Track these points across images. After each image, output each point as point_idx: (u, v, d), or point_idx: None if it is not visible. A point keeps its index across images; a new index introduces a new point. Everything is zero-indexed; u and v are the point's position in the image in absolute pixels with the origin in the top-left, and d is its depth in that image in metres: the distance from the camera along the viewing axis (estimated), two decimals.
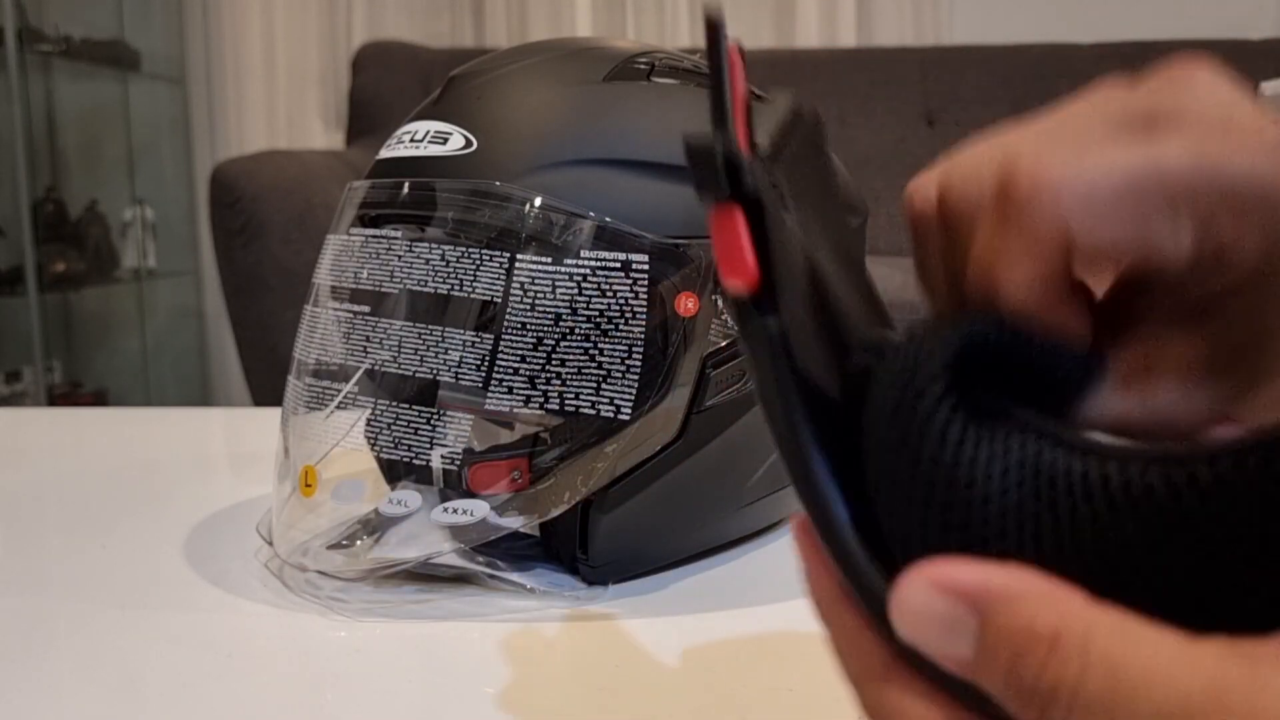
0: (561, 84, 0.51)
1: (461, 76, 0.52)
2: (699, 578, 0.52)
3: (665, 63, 0.53)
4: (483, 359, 0.47)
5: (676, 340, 0.49)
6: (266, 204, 1.89)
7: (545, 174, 0.48)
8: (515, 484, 0.49)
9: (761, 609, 0.48)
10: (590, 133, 0.49)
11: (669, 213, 0.48)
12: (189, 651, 0.44)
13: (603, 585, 0.50)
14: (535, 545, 0.52)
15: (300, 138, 2.80)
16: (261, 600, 0.49)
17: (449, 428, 0.47)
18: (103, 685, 0.41)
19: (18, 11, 2.36)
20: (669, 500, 0.51)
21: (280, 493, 0.52)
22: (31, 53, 2.46)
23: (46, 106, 2.65)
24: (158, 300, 2.87)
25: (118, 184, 2.76)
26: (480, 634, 0.46)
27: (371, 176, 0.52)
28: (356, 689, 0.41)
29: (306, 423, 0.50)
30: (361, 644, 0.45)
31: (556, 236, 0.47)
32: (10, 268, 2.41)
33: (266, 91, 2.81)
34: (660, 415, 0.49)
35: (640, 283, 0.47)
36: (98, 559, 0.55)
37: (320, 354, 0.50)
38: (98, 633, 0.46)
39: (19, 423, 0.92)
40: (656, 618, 0.47)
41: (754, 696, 0.40)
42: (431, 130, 0.50)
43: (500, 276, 0.47)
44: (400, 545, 0.49)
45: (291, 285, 1.87)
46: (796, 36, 2.71)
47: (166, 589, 0.51)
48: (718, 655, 0.44)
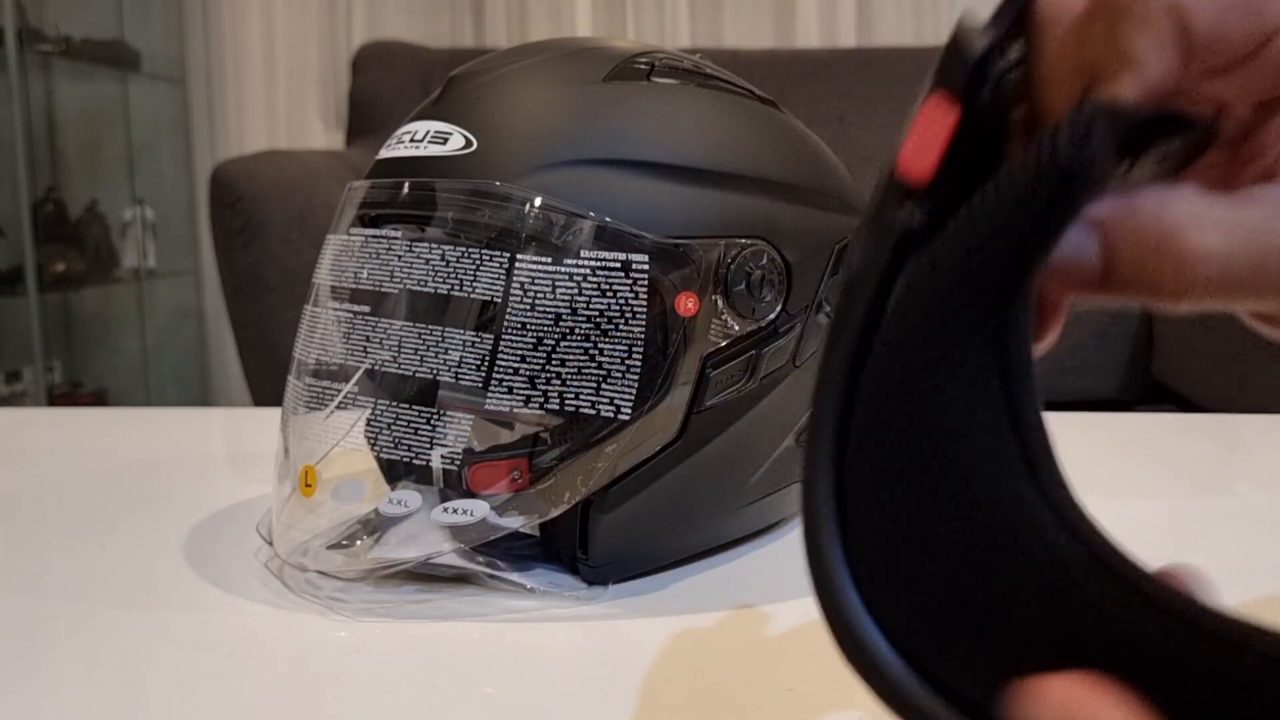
0: (561, 84, 0.51)
1: (461, 76, 0.52)
2: (699, 578, 0.52)
3: (665, 63, 0.53)
4: (483, 359, 0.47)
5: (676, 340, 0.49)
6: (266, 204, 1.88)
7: (545, 174, 0.48)
8: (515, 484, 0.49)
9: (761, 609, 0.48)
10: (590, 133, 0.49)
11: (669, 213, 0.48)
12: (189, 651, 0.44)
13: (603, 585, 0.50)
14: (535, 545, 0.52)
15: (300, 138, 2.80)
16: (261, 600, 0.49)
17: (449, 428, 0.47)
18: (103, 685, 0.41)
19: (18, 11, 2.36)
20: (669, 500, 0.51)
21: (280, 493, 0.52)
22: (31, 53, 2.46)
23: (46, 106, 2.65)
24: (158, 300, 2.87)
25: (118, 184, 2.76)
26: (480, 634, 0.46)
27: (371, 176, 0.52)
28: (356, 689, 0.41)
29: (306, 423, 0.50)
30: (361, 644, 0.45)
31: (556, 236, 0.47)
32: (10, 268, 2.41)
33: (266, 91, 2.81)
34: (660, 415, 0.49)
35: (640, 283, 0.47)
36: (98, 559, 0.55)
37: (320, 354, 0.50)
38: (98, 633, 0.46)
39: (19, 423, 0.92)
40: (656, 618, 0.47)
41: (754, 696, 0.40)
42: (431, 130, 0.50)
43: (500, 276, 0.47)
44: (400, 545, 0.49)
45: (291, 285, 1.87)
46: (796, 36, 2.71)
47: (166, 589, 0.51)
48: (718, 655, 0.44)
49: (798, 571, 0.22)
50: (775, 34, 2.74)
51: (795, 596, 0.49)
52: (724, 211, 0.49)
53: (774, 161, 0.52)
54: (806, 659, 0.43)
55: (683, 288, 0.48)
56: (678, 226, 0.48)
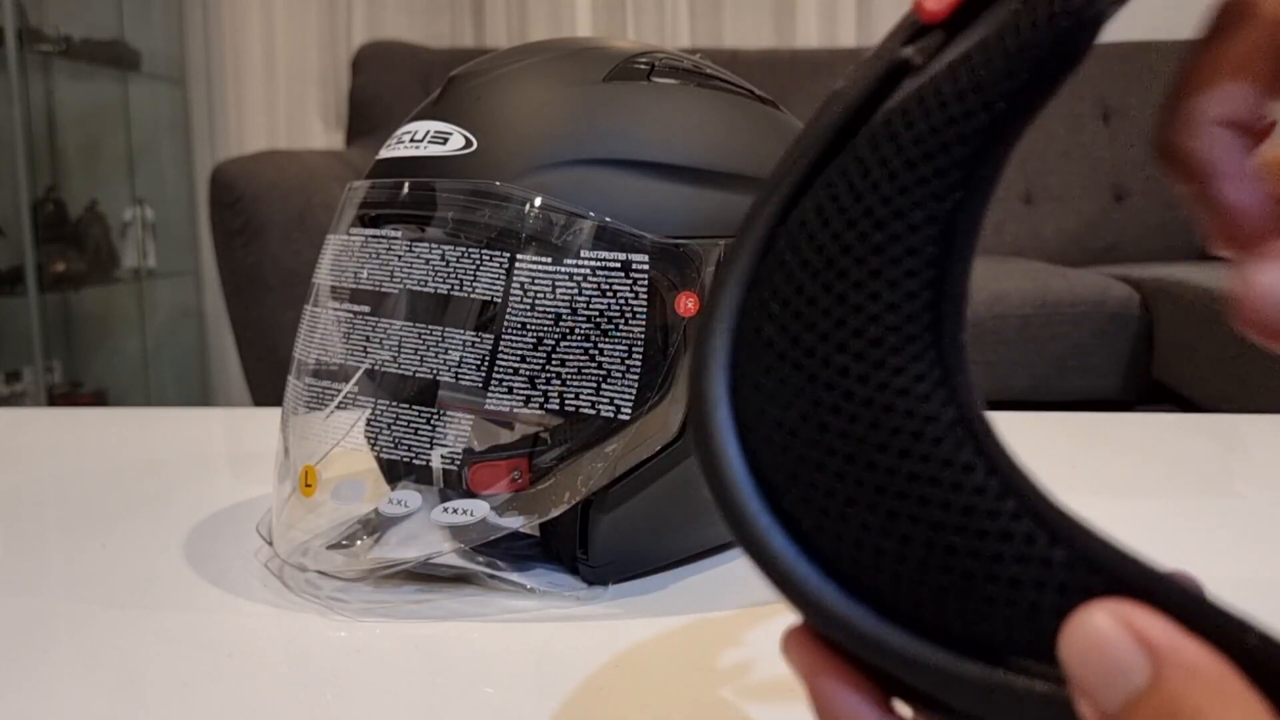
0: (561, 84, 0.51)
1: (461, 76, 0.52)
2: (699, 578, 0.52)
3: (665, 63, 0.53)
4: (483, 359, 0.47)
5: (676, 340, 0.49)
6: (266, 204, 1.89)
7: (545, 174, 0.48)
8: (515, 484, 0.49)
9: (761, 609, 0.48)
10: (590, 133, 0.49)
11: (669, 213, 0.48)
12: (189, 651, 0.44)
13: (603, 585, 0.50)
14: (535, 545, 0.52)
15: (300, 138, 2.80)
16: (261, 600, 0.49)
17: (449, 428, 0.47)
18: (103, 685, 0.41)
19: (18, 11, 2.36)
20: (669, 500, 0.51)
21: (280, 493, 0.52)
22: (31, 53, 2.46)
23: (46, 106, 2.65)
24: (158, 300, 2.87)
25: (118, 184, 2.76)
26: (480, 634, 0.46)
27: (371, 176, 0.52)
28: (356, 689, 0.41)
29: (306, 423, 0.50)
30: (361, 644, 0.45)
31: (556, 236, 0.47)
32: (10, 268, 2.41)
33: (266, 91, 2.81)
34: (660, 415, 0.49)
35: (640, 283, 0.47)
36: (98, 559, 0.55)
37: (320, 354, 0.50)
38: (98, 633, 0.46)
39: (19, 423, 0.92)
40: (656, 618, 0.47)
41: (754, 696, 0.40)
42: (431, 130, 0.50)
43: (500, 276, 0.47)
44: (400, 545, 0.49)
45: (291, 285, 1.87)
46: (796, 36, 2.71)
47: (166, 589, 0.51)
48: (717, 655, 0.44)
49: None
50: (775, 34, 2.74)
51: None
52: (724, 211, 0.49)
53: (774, 161, 0.52)
54: None
55: (683, 288, 0.48)
56: (678, 226, 0.48)
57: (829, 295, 0.21)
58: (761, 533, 0.21)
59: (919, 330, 0.21)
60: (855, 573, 0.21)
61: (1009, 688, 0.19)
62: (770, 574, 0.21)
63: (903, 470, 0.20)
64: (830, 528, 0.21)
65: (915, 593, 0.20)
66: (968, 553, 0.19)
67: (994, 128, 0.20)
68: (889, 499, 0.20)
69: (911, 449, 0.20)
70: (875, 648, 0.20)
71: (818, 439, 0.21)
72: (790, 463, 0.21)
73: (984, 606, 0.19)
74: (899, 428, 0.20)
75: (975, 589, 0.19)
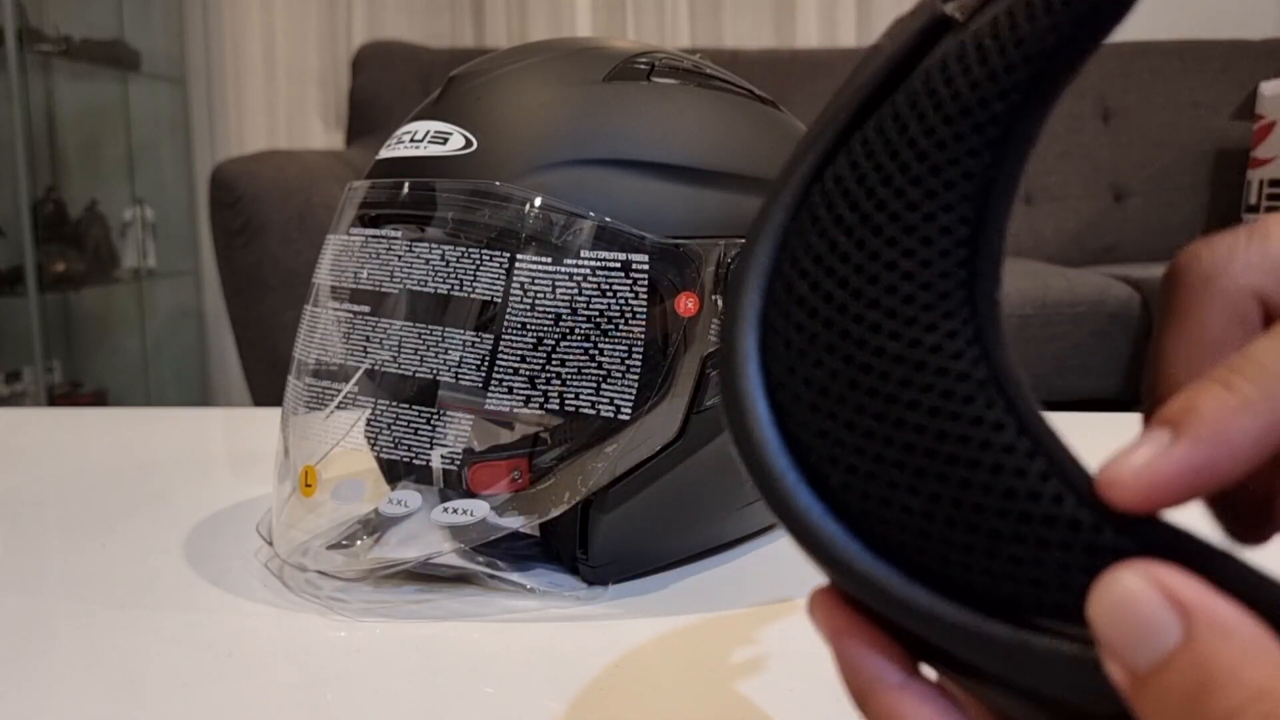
0: (561, 84, 0.51)
1: (461, 76, 0.52)
2: (699, 578, 0.52)
3: (665, 63, 0.53)
4: (483, 359, 0.47)
5: (676, 340, 0.49)
6: (266, 204, 1.88)
7: (545, 174, 0.48)
8: (515, 484, 0.49)
9: (762, 609, 0.48)
10: (590, 133, 0.49)
11: (669, 213, 0.48)
12: (189, 651, 0.44)
13: (603, 585, 0.50)
14: (535, 545, 0.52)
15: (300, 138, 2.80)
16: (261, 600, 0.49)
17: (449, 428, 0.47)
18: (103, 685, 0.41)
19: (18, 11, 2.36)
20: (669, 500, 0.51)
21: (280, 493, 0.52)
22: (31, 53, 2.46)
23: (46, 106, 2.65)
24: (158, 300, 2.87)
25: (118, 184, 2.76)
26: (480, 634, 0.46)
27: (371, 176, 0.52)
28: (356, 689, 0.41)
29: (306, 423, 0.50)
30: (361, 644, 0.45)
31: (556, 236, 0.47)
32: (10, 268, 2.41)
33: (266, 91, 2.81)
34: (660, 415, 0.49)
35: (640, 283, 0.47)
36: (98, 559, 0.55)
37: (320, 354, 0.50)
38: (98, 633, 0.46)
39: (19, 423, 0.92)
40: (656, 618, 0.47)
41: (754, 697, 0.40)
42: (431, 130, 0.50)
43: (500, 276, 0.47)
44: (400, 545, 0.49)
45: (291, 285, 1.87)
46: (796, 36, 2.71)
47: (166, 589, 0.51)
48: (718, 655, 0.44)
49: (798, 572, 0.22)
50: (775, 34, 2.74)
51: (795, 597, 0.49)
52: (724, 211, 0.49)
53: (774, 161, 0.52)
54: (807, 659, 0.43)
55: (683, 288, 0.48)
56: (678, 226, 0.48)
57: (862, 251, 0.21)
58: (789, 490, 0.21)
59: (952, 287, 0.20)
60: (882, 531, 0.21)
61: (1036, 648, 0.19)
62: (796, 532, 0.21)
63: (932, 428, 0.20)
64: (858, 486, 0.21)
65: (942, 552, 0.20)
66: (996, 512, 0.19)
67: (1034, 83, 0.20)
68: (918, 457, 0.20)
69: (941, 407, 0.20)
70: (902, 607, 0.20)
71: (847, 396, 0.21)
72: (819, 420, 0.21)
73: (1011, 567, 0.19)
74: (929, 385, 0.20)
75: (1002, 548, 0.19)
